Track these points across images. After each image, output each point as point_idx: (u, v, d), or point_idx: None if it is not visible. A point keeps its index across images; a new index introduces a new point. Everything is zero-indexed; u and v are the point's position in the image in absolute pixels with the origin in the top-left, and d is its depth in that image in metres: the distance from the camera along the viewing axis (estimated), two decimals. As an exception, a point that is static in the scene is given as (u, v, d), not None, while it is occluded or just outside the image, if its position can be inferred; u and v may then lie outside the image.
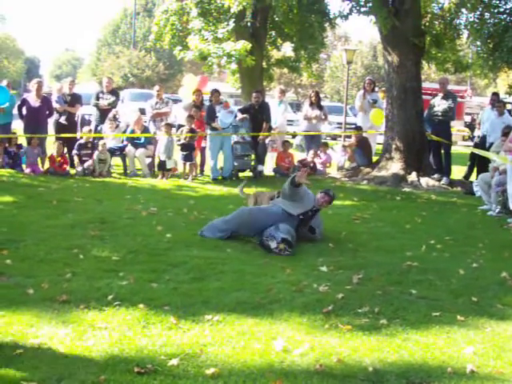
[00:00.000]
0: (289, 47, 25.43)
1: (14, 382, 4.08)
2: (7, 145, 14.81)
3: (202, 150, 15.90)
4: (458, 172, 16.60)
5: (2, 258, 7.01)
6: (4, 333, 4.88)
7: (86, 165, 14.61)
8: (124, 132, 15.80)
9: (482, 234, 9.77)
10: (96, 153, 14.74)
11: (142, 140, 15.20)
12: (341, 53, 34.70)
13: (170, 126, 15.22)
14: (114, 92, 16.90)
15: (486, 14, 17.12)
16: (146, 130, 15.53)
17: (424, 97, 16.69)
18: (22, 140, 15.70)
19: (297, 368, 4.53)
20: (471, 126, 35.87)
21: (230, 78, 25.43)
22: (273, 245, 8.01)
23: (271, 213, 8.51)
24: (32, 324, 5.10)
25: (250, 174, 15.60)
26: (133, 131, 15.37)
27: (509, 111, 16.18)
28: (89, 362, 4.45)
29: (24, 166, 14.71)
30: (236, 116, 15.13)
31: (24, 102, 15.48)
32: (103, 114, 16.16)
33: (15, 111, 15.73)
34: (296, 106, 40.85)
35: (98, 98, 16.29)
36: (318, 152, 16.69)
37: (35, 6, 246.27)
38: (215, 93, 15.62)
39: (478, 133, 18.05)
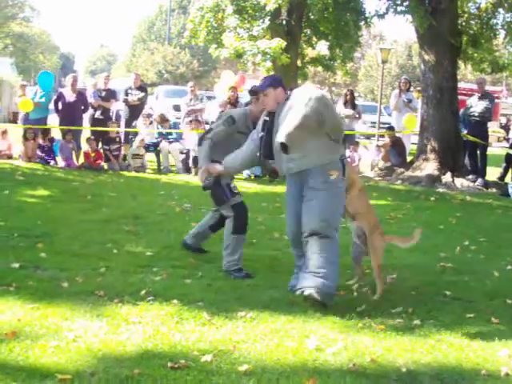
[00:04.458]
0: (324, 45, 25.31)
1: (49, 374, 4.10)
2: (41, 141, 14.90)
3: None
4: (492, 173, 16.43)
5: (36, 251, 7.09)
6: (39, 325, 4.92)
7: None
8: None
9: (517, 236, 9.66)
10: (132, 148, 14.91)
11: (174, 135, 15.31)
12: (376, 52, 34.52)
13: (198, 122, 15.30)
14: (143, 87, 16.99)
15: (524, 14, 16.96)
16: (175, 125, 15.63)
17: (460, 97, 16.58)
18: (56, 134, 15.82)
19: (330, 367, 4.51)
20: (506, 127, 35.54)
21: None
22: None
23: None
24: (67, 317, 5.13)
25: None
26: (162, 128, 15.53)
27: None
28: (122, 356, 4.47)
29: (58, 159, 14.83)
30: None
31: (60, 96, 15.61)
32: (132, 109, 16.29)
33: (51, 106, 15.88)
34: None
35: (126, 94, 16.41)
36: (349, 151, 16.59)
37: (71, 2, 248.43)
38: None
39: (512, 134, 17.91)
